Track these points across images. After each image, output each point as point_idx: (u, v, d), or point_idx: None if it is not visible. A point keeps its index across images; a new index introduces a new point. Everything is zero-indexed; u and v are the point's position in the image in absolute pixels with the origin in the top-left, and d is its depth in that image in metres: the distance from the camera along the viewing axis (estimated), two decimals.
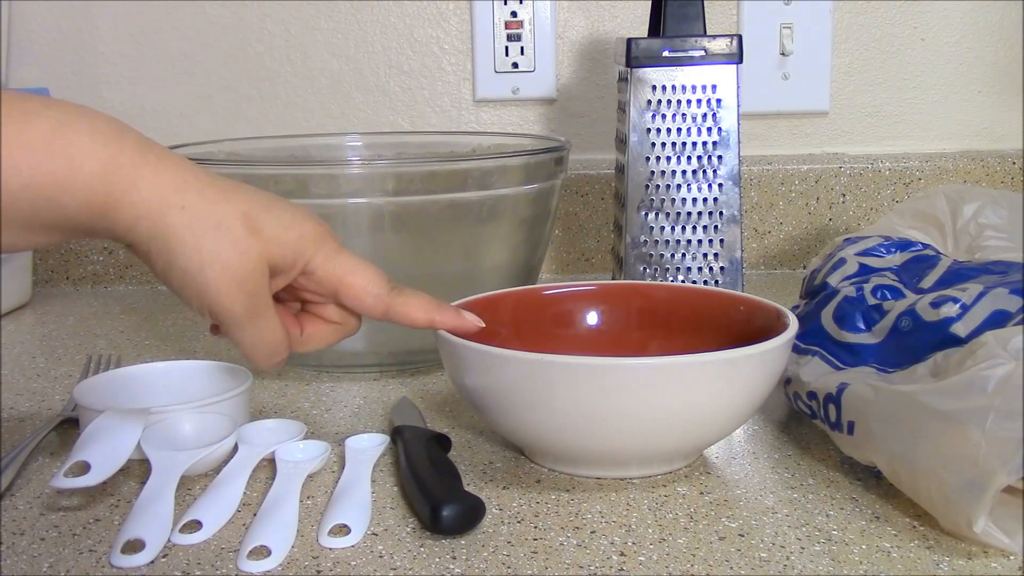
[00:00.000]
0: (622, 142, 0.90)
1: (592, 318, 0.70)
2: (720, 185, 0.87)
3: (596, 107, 1.15)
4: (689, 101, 0.86)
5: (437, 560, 0.49)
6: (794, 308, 0.68)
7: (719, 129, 0.86)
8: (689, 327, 0.67)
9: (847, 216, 1.14)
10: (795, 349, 0.63)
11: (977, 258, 0.69)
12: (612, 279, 0.95)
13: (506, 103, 1.15)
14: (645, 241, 0.87)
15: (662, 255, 0.87)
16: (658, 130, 0.86)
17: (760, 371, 0.55)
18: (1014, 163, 1.14)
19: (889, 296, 0.62)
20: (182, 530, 0.51)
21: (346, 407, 0.71)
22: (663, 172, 0.87)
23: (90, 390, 0.64)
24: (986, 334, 0.52)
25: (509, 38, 1.12)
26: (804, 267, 1.04)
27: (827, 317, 0.64)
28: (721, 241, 0.87)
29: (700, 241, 0.87)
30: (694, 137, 0.86)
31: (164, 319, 0.98)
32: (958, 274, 0.62)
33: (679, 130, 0.86)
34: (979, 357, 0.50)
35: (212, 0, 1.13)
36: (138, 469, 0.59)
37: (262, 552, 0.49)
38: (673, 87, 0.86)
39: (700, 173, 0.87)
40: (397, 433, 0.61)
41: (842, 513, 0.53)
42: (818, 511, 0.53)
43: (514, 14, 1.12)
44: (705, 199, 0.87)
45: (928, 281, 0.63)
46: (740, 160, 0.87)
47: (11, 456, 0.60)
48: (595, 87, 1.15)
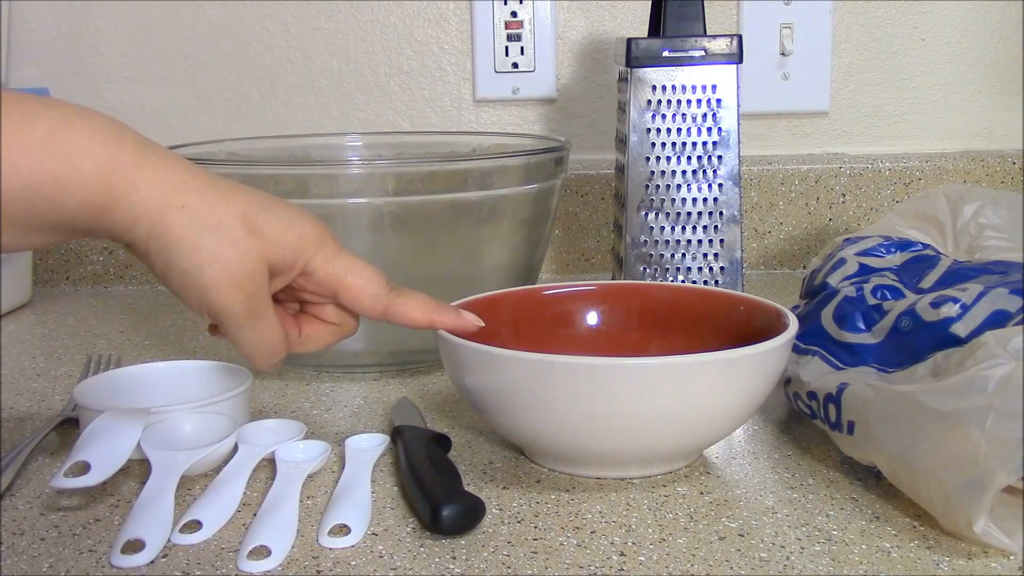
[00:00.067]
0: (622, 142, 0.90)
1: (592, 318, 0.70)
2: (720, 185, 0.87)
3: (596, 107, 1.15)
4: (689, 101, 0.86)
5: (437, 560, 0.49)
6: (794, 308, 0.68)
7: (719, 129, 0.86)
8: (689, 327, 0.67)
9: (847, 216, 1.14)
10: (795, 349, 0.63)
11: (977, 258, 0.69)
12: (612, 279, 0.95)
13: (506, 103, 1.15)
14: (645, 241, 0.87)
15: (662, 255, 0.87)
16: (658, 130, 0.86)
17: (760, 371, 0.55)
18: (1014, 163, 1.14)
19: (889, 296, 0.62)
20: (182, 530, 0.51)
21: (346, 407, 0.71)
22: (663, 172, 0.87)
23: (90, 390, 0.64)
24: (986, 334, 0.52)
25: (509, 38, 1.12)
26: (804, 267, 1.04)
27: (827, 317, 0.64)
28: (721, 241, 0.87)
29: (700, 241, 0.87)
30: (694, 137, 0.86)
31: (164, 319, 0.98)
32: (958, 274, 0.62)
33: (679, 130, 0.86)
34: (979, 357, 0.50)
35: (212, 0, 1.13)
36: (138, 469, 0.59)
37: (262, 552, 0.49)
38: (673, 87, 0.86)
39: (700, 173, 0.87)
40: (397, 433, 0.61)
41: (842, 513, 0.53)
42: (818, 511, 0.53)
43: (514, 14, 1.12)
44: (705, 199, 0.87)
45: (928, 281, 0.63)
46: (740, 160, 0.87)
47: (11, 456, 0.60)
48: (595, 87, 1.15)
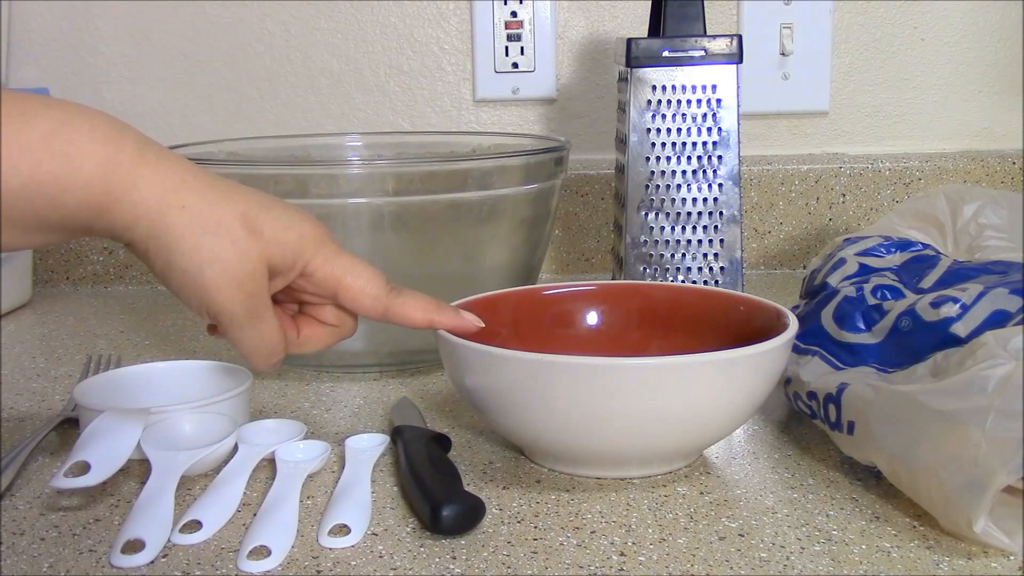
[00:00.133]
0: (622, 142, 0.90)
1: (592, 318, 0.70)
2: (720, 185, 0.87)
3: (596, 107, 1.15)
4: (689, 101, 0.86)
5: (437, 560, 0.49)
6: (794, 308, 0.68)
7: (719, 129, 0.86)
8: (689, 327, 0.66)
9: (847, 216, 1.14)
10: (795, 349, 0.63)
11: (977, 258, 0.69)
12: (612, 279, 0.95)
13: (506, 103, 1.15)
14: (645, 241, 0.87)
15: (662, 255, 0.87)
16: (658, 130, 0.86)
17: (760, 371, 0.55)
18: (1014, 163, 1.14)
19: (889, 296, 0.62)
20: (182, 530, 0.51)
21: (346, 407, 0.71)
22: (663, 172, 0.87)
23: (90, 390, 0.64)
24: (986, 334, 0.52)
25: (509, 38, 1.12)
26: (804, 267, 1.04)
27: (827, 317, 0.64)
28: (721, 241, 0.87)
29: (700, 241, 0.87)
30: (694, 137, 0.86)
31: (164, 319, 0.98)
32: (958, 274, 0.62)
33: (679, 130, 0.86)
34: (979, 357, 0.50)
35: (212, 0, 1.13)
36: (138, 469, 0.59)
37: (262, 552, 0.49)
38: (673, 87, 0.86)
39: (700, 173, 0.87)
40: (397, 433, 0.61)
41: (842, 513, 0.53)
42: (818, 511, 0.53)
43: (514, 14, 1.12)
44: (705, 199, 0.87)
45: (928, 281, 0.63)
46: (740, 160, 0.87)
47: (11, 456, 0.60)
48: (595, 87, 1.15)
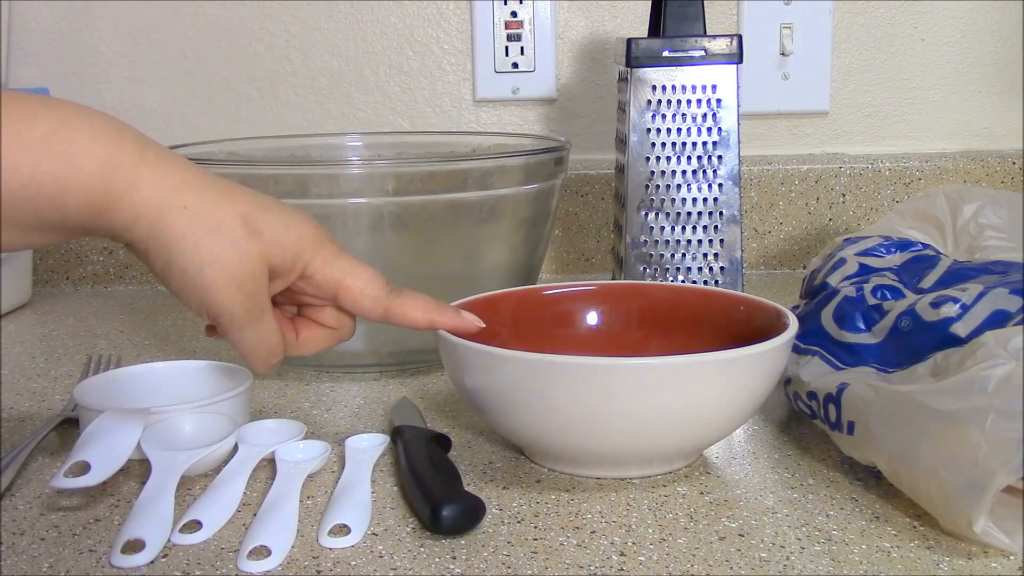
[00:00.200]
0: (622, 142, 0.90)
1: (592, 318, 0.70)
2: (720, 185, 0.87)
3: (596, 107, 1.15)
4: (689, 101, 0.86)
5: (437, 560, 0.49)
6: (794, 308, 0.68)
7: (719, 129, 0.86)
8: (689, 327, 0.66)
9: (847, 216, 1.14)
10: (795, 349, 0.63)
11: (977, 258, 0.69)
12: (612, 279, 0.95)
13: (506, 103, 1.15)
14: (645, 241, 0.87)
15: (662, 255, 0.87)
16: (658, 130, 0.86)
17: (760, 371, 0.55)
18: (1014, 163, 1.14)
19: (889, 296, 0.62)
20: (182, 530, 0.51)
21: (346, 407, 0.71)
22: (663, 172, 0.87)
23: (90, 390, 0.64)
24: (986, 334, 0.52)
25: (509, 38, 1.12)
26: (804, 267, 1.04)
27: (827, 317, 0.64)
28: (721, 241, 0.87)
29: (700, 241, 0.87)
30: (694, 137, 0.86)
31: (164, 319, 0.98)
32: (958, 274, 0.62)
33: (679, 130, 0.86)
34: (979, 357, 0.50)
35: (212, 0, 1.13)
36: (138, 469, 0.59)
37: (262, 552, 0.49)
38: (673, 87, 0.86)
39: (700, 173, 0.87)
40: (397, 433, 0.61)
41: (842, 513, 0.53)
42: (818, 511, 0.53)
43: (514, 14, 1.12)
44: (705, 199, 0.87)
45: (928, 281, 0.63)
46: (740, 160, 0.87)
47: (11, 456, 0.60)
48: (595, 87, 1.15)
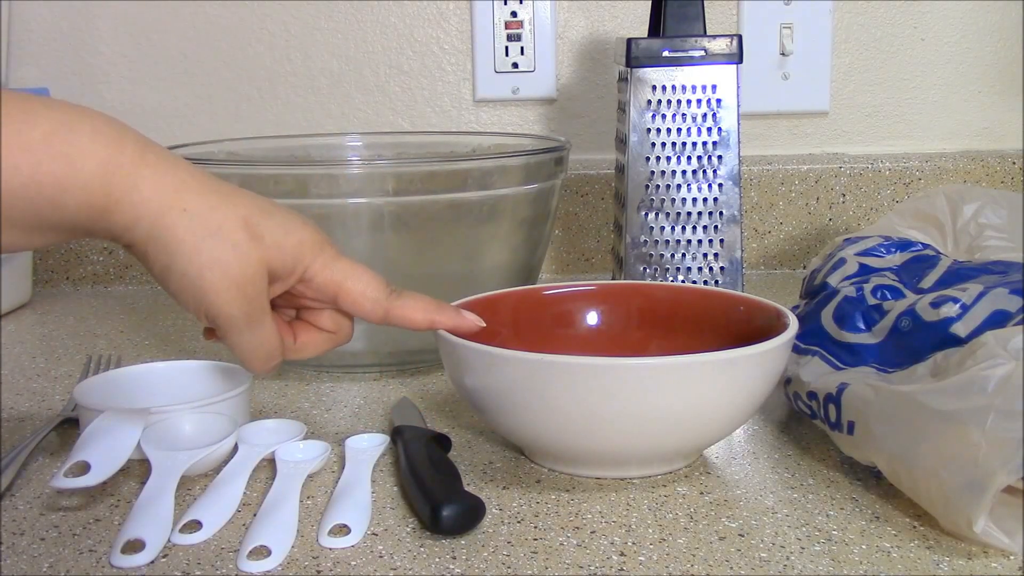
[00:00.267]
0: (622, 142, 0.90)
1: (592, 318, 0.70)
2: (720, 185, 0.87)
3: (596, 107, 1.15)
4: (689, 101, 0.86)
5: (437, 560, 0.49)
6: (794, 308, 0.68)
7: (719, 129, 0.86)
8: (689, 327, 0.67)
9: (847, 216, 1.14)
10: (795, 349, 0.63)
11: (977, 258, 0.69)
12: (612, 279, 0.95)
13: (506, 103, 1.15)
14: (645, 241, 0.87)
15: (662, 255, 0.87)
16: (658, 130, 0.86)
17: (760, 371, 0.55)
18: (1014, 163, 1.14)
19: (889, 296, 0.62)
20: (182, 530, 0.51)
21: (346, 407, 0.71)
22: (663, 172, 0.87)
23: (90, 390, 0.64)
24: (986, 334, 0.52)
25: (509, 38, 1.12)
26: (804, 267, 1.04)
27: (827, 317, 0.64)
28: (721, 241, 0.87)
29: (700, 241, 0.87)
30: (694, 137, 0.86)
31: (164, 319, 0.98)
32: (958, 274, 0.62)
33: (679, 130, 0.86)
34: (979, 357, 0.50)
35: (212, 0, 1.13)
36: (138, 469, 0.59)
37: (262, 552, 0.49)
38: (673, 87, 0.86)
39: (700, 173, 0.87)
40: (397, 433, 0.61)
41: (842, 513, 0.53)
42: (818, 511, 0.53)
43: (514, 14, 1.12)
44: (705, 199, 0.87)
45: (928, 281, 0.63)
46: (740, 160, 0.87)
47: (11, 456, 0.60)
48: (595, 87, 1.15)
